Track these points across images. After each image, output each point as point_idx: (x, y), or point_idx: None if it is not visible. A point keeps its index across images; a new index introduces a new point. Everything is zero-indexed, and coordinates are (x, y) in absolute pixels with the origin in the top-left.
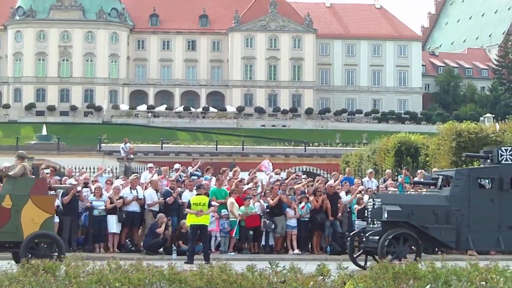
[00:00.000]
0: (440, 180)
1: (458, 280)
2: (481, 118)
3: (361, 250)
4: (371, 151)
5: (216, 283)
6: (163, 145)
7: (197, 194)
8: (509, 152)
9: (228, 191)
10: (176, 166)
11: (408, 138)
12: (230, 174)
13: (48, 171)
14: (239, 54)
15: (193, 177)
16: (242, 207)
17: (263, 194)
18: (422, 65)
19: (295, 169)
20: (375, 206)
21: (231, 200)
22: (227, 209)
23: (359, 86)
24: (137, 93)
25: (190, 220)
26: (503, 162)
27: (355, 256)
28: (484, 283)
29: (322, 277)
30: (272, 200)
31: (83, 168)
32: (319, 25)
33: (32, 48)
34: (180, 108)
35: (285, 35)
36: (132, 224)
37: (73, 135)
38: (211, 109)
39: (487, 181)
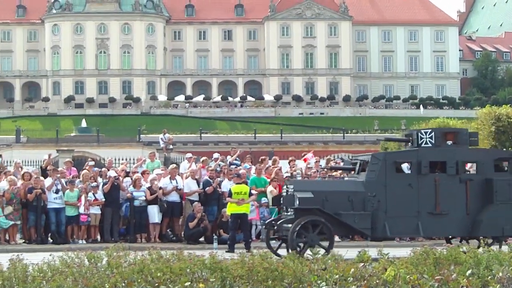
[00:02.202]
0: (358, 165)
1: (499, 265)
2: None
3: (280, 239)
4: None
5: (258, 271)
6: (202, 135)
7: (237, 183)
8: (428, 134)
9: (268, 180)
10: (215, 155)
11: (446, 123)
12: (270, 162)
13: (92, 163)
14: (275, 43)
15: (232, 166)
16: None
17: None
18: (459, 50)
19: (334, 157)
20: (288, 193)
21: (270, 188)
22: (267, 198)
23: (396, 72)
24: (175, 84)
25: (230, 209)
26: (423, 145)
27: (272, 245)
28: None
29: (363, 263)
30: None
31: (123, 160)
32: (354, 12)
33: (70, 41)
34: (218, 98)
35: (321, 23)
36: (172, 214)
37: (112, 127)
38: (249, 98)
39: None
